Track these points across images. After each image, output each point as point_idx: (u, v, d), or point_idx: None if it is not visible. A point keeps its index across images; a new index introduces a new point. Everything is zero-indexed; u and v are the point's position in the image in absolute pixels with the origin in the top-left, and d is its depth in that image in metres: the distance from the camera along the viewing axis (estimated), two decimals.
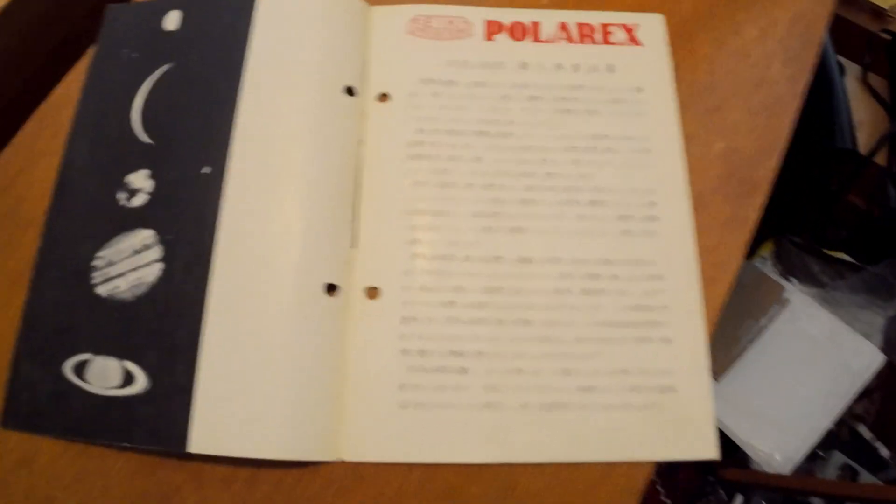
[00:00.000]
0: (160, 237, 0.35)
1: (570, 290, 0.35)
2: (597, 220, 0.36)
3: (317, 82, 0.38)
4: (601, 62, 0.41)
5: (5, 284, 0.37)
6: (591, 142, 0.38)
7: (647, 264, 0.36)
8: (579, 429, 0.33)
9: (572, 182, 0.37)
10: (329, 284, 0.34)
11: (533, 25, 0.42)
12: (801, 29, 0.43)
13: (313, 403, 0.32)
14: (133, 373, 0.33)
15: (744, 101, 0.41)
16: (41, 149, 0.40)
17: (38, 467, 0.34)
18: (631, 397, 0.33)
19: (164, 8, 0.40)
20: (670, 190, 0.37)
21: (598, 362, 0.33)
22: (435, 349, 0.34)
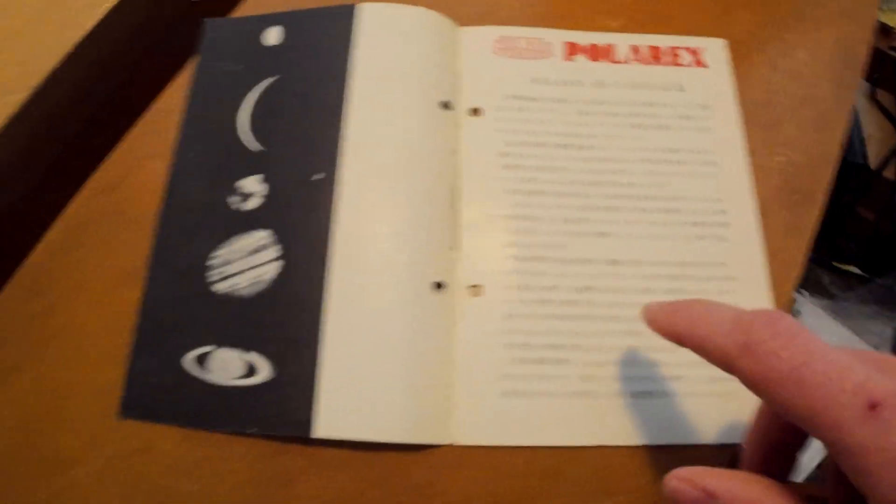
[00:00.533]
0: (276, 237, 0.38)
1: (654, 290, 0.38)
2: (672, 226, 0.40)
3: (416, 97, 0.41)
4: (672, 82, 0.44)
5: (113, 280, 0.39)
6: (664, 154, 0.42)
7: (720, 266, 0.39)
8: (666, 414, 0.36)
9: (648, 191, 0.40)
10: (436, 282, 0.37)
11: (608, 47, 0.45)
12: (845, 51, 0.47)
13: (426, 391, 0.35)
14: (255, 364, 0.36)
15: (797, 117, 0.44)
16: (147, 152, 0.42)
17: (158, 454, 0.35)
18: (710, 387, 0.36)
19: (264, 24, 0.43)
20: (738, 198, 0.41)
21: (681, 356, 0.36)
22: (535, 343, 0.37)
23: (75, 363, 0.37)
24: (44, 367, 0.37)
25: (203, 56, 0.43)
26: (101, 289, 0.39)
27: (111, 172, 0.42)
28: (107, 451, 0.35)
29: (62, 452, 0.35)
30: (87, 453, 0.35)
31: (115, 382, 0.36)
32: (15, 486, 0.34)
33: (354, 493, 0.35)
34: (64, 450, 0.35)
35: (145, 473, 0.35)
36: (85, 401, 0.36)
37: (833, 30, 0.48)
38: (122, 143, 0.43)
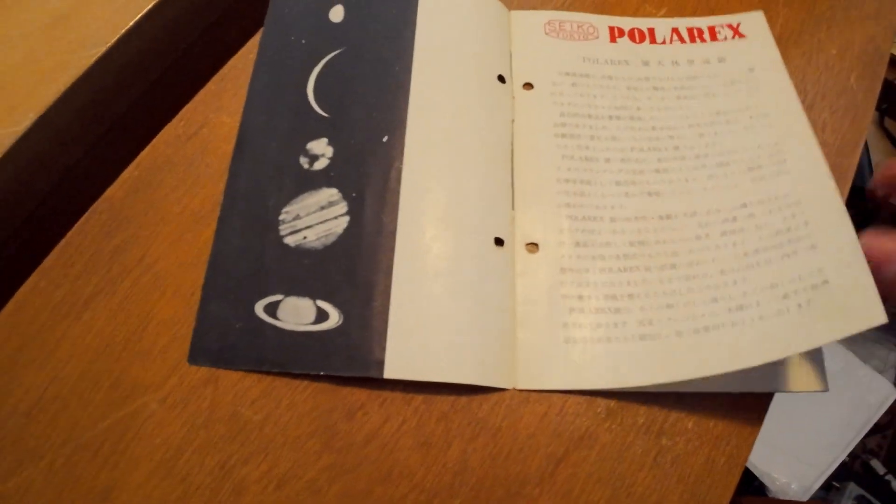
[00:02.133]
0: (344, 194, 0.40)
1: (710, 235, 0.39)
2: (727, 177, 0.41)
3: (474, 69, 0.43)
4: (712, 55, 0.46)
5: (189, 220, 0.41)
6: (712, 118, 0.43)
7: (783, 197, 0.39)
8: (735, 341, 0.36)
9: (700, 151, 0.42)
10: (497, 238, 0.39)
11: (649, 31, 0.48)
12: (872, 48, 0.50)
13: (491, 337, 0.37)
14: (326, 310, 0.37)
15: (829, 104, 0.47)
16: (222, 106, 0.45)
17: (224, 385, 0.37)
18: (783, 303, 0.36)
19: (330, 2, 0.46)
20: (796, 136, 0.41)
21: (744, 286, 0.37)
22: (591, 294, 0.38)
23: (151, 296, 0.39)
24: (120, 298, 0.39)
25: (268, 28, 0.46)
26: (177, 227, 0.41)
27: (186, 122, 0.44)
28: (174, 380, 0.37)
29: (133, 380, 0.37)
30: (157, 382, 0.37)
31: (187, 316, 0.38)
32: (88, 409, 0.36)
33: (416, 426, 0.37)
34: (135, 377, 0.37)
35: (210, 403, 0.37)
36: (158, 332, 0.38)
37: (861, 30, 0.51)
38: (197, 96, 0.45)
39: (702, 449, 0.37)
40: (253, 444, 0.36)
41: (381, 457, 0.36)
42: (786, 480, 0.93)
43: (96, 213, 0.41)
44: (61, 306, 0.39)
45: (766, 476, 0.92)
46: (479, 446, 0.36)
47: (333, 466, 0.36)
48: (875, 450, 1.07)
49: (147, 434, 0.36)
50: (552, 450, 0.36)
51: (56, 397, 0.37)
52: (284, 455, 0.36)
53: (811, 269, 0.36)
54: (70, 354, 0.38)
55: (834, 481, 0.98)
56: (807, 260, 0.36)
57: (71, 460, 0.35)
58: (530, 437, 0.37)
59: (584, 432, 0.37)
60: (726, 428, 0.37)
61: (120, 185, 0.42)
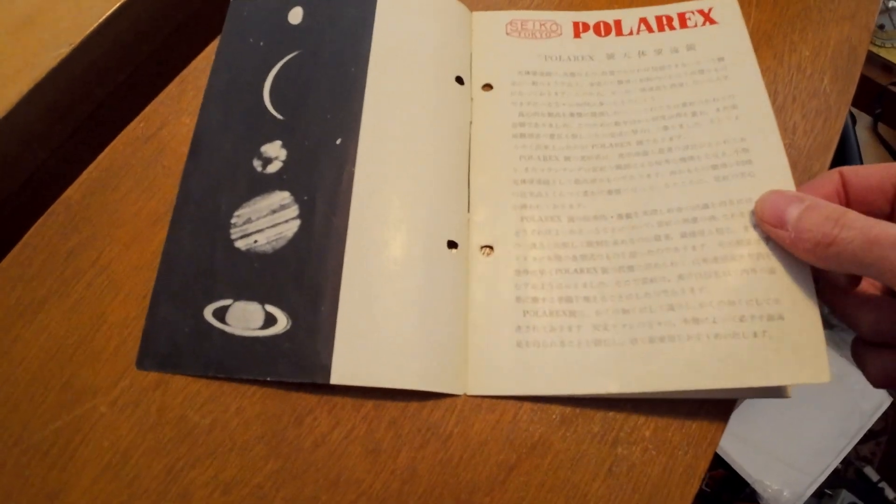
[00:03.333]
0: (296, 198, 0.39)
1: (670, 236, 0.38)
2: (690, 173, 0.39)
3: (432, 71, 0.43)
4: (681, 43, 0.45)
5: (145, 221, 0.41)
6: (679, 109, 0.42)
7: (746, 202, 0.38)
8: (690, 358, 0.35)
9: (663, 145, 0.41)
10: (450, 241, 0.38)
11: (615, 23, 0.46)
12: (847, 50, 0.49)
13: (441, 341, 0.36)
14: (275, 315, 0.37)
15: (801, 106, 0.46)
16: (183, 108, 0.44)
17: (173, 389, 0.37)
18: (739, 326, 0.35)
19: (289, 4, 0.45)
20: (762, 134, 0.40)
21: (702, 296, 0.36)
22: (546, 296, 0.38)
23: (104, 298, 0.39)
24: (74, 301, 0.39)
25: (228, 31, 0.45)
26: (132, 229, 0.41)
27: (146, 124, 0.44)
28: (124, 383, 0.37)
29: (84, 382, 0.37)
30: (107, 385, 0.37)
31: (139, 319, 0.38)
32: (39, 411, 0.36)
33: (365, 432, 0.36)
34: (86, 380, 0.37)
35: (159, 406, 0.37)
36: (110, 335, 0.38)
37: (837, 31, 0.50)
38: (159, 96, 0.45)
39: (659, 458, 0.36)
40: (200, 448, 0.36)
41: (328, 463, 0.36)
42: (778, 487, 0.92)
43: (53, 215, 0.42)
44: (16, 307, 0.39)
45: (758, 483, 0.92)
46: (428, 453, 0.36)
47: (280, 472, 0.35)
48: (868, 457, 1.06)
49: (96, 437, 0.36)
50: (504, 457, 0.36)
51: (7, 400, 0.37)
52: (231, 460, 0.36)
53: (769, 297, 0.35)
54: (23, 356, 0.38)
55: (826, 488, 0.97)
56: (766, 284, 0.35)
57: (20, 462, 0.35)
58: (482, 444, 0.36)
59: (538, 440, 0.36)
60: (685, 436, 0.36)
61: (78, 187, 0.42)
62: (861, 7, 0.52)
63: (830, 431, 0.96)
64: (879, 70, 0.90)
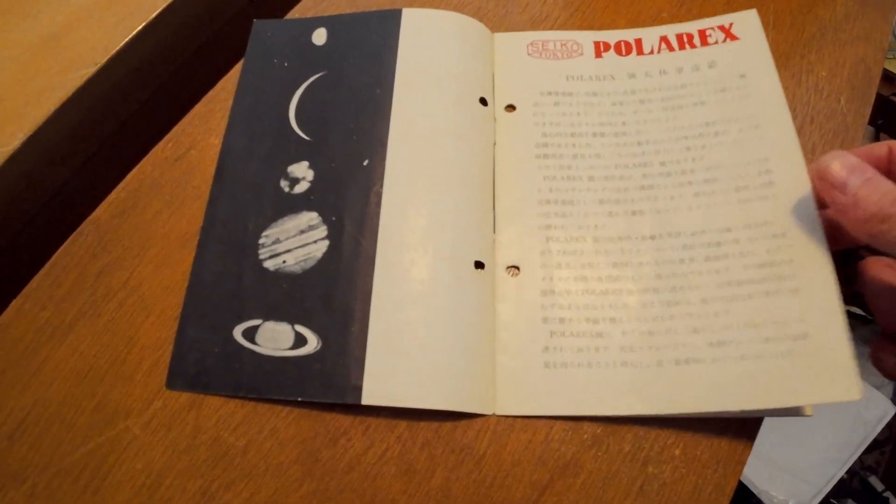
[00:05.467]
0: (324, 218, 0.40)
1: (694, 259, 0.38)
2: (713, 195, 0.40)
3: (456, 93, 0.43)
4: (702, 61, 0.45)
5: (175, 242, 0.41)
6: (701, 129, 0.42)
7: (768, 225, 0.38)
8: (715, 380, 0.35)
9: (686, 166, 0.41)
10: (477, 262, 0.39)
11: (636, 42, 0.47)
12: (862, 70, 0.49)
13: (470, 362, 0.37)
14: (305, 335, 0.37)
15: (819, 127, 0.46)
16: (210, 128, 0.45)
17: (207, 410, 0.37)
18: (764, 347, 0.35)
19: (312, 25, 0.46)
20: (784, 155, 0.40)
21: (726, 319, 0.36)
22: (572, 317, 0.38)
23: (135, 319, 0.39)
24: (105, 321, 0.39)
25: (250, 52, 0.46)
26: (163, 249, 0.41)
27: (175, 144, 0.45)
28: (157, 404, 0.37)
29: (116, 404, 0.37)
30: (140, 406, 0.37)
31: (171, 340, 0.39)
32: (71, 433, 0.37)
33: (399, 453, 0.36)
34: (118, 401, 0.37)
35: (193, 427, 0.37)
36: (141, 356, 0.38)
37: (852, 51, 0.50)
38: (186, 117, 0.46)
39: (689, 477, 0.36)
40: (235, 470, 0.36)
41: (363, 484, 0.36)
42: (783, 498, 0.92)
43: (82, 235, 0.42)
44: (45, 328, 0.39)
45: (764, 494, 0.92)
46: (462, 474, 0.36)
47: (315, 493, 0.35)
48: (873, 466, 1.06)
49: (129, 459, 0.36)
50: (537, 477, 0.36)
51: (39, 421, 0.37)
52: (266, 482, 0.36)
53: (793, 317, 0.35)
54: (53, 377, 0.38)
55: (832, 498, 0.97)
56: (789, 304, 0.36)
57: (52, 484, 0.35)
58: (515, 464, 0.36)
59: (570, 460, 0.36)
60: (714, 455, 0.37)
61: (106, 207, 0.43)
62: (875, 27, 0.52)
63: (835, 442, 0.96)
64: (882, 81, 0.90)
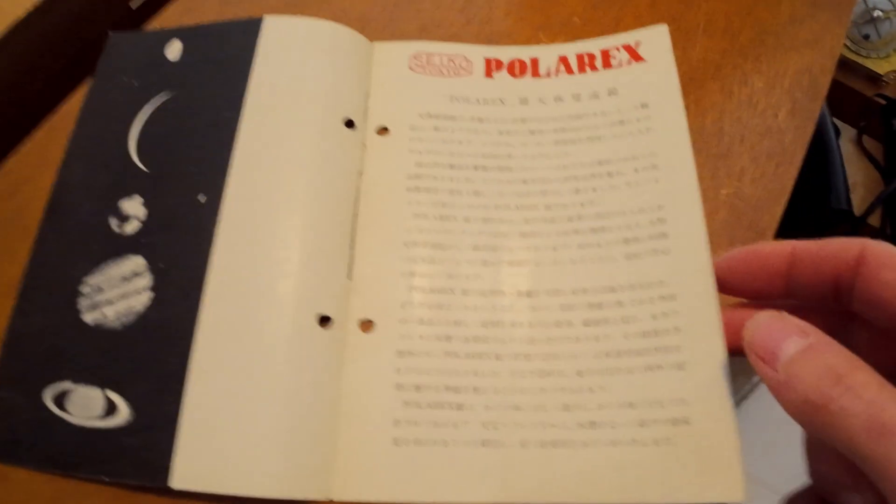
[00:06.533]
0: (151, 265, 0.34)
1: (571, 322, 0.33)
2: (599, 247, 0.35)
3: (317, 114, 0.37)
4: (602, 88, 0.40)
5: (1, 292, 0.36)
6: (593, 168, 0.37)
7: (656, 286, 0.33)
8: (583, 468, 0.30)
9: (573, 211, 0.36)
10: (323, 316, 0.33)
11: (532, 62, 0.41)
12: (807, 81, 0.43)
13: (304, 438, 0.31)
14: (116, 403, 0.32)
15: (750, 148, 0.41)
16: (48, 159, 0.39)
17: (14, 483, 0.33)
18: (639, 433, 0.30)
19: (167, 38, 0.41)
20: (680, 201, 0.35)
21: (601, 396, 0.31)
22: (431, 384, 0.33)
23: None
24: None
25: (101, 69, 0.41)
26: None
27: (8, 179, 0.40)
28: None
29: None
30: None
31: None
32: None
33: None
34: None
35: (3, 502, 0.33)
36: None
37: (796, 58, 0.44)
38: (22, 148, 0.41)
39: None
40: None
41: None
42: None
43: None
44: None
45: None
46: None
47: None
48: None
49: None
50: None
51: None
52: None
53: (674, 397, 0.30)
54: None
55: None
56: (671, 382, 0.31)
57: None
58: None
59: None
60: None
61: None
62: (827, 31, 0.46)
63: None
64: (865, 81, 0.87)
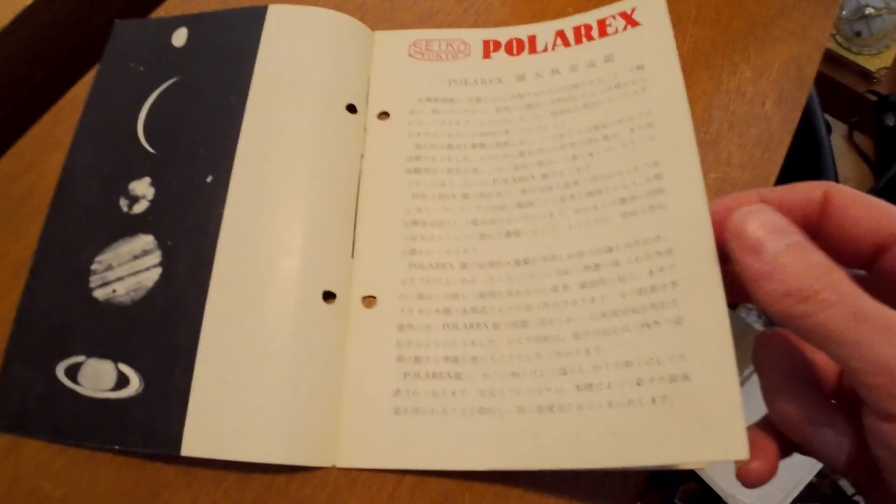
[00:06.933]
0: (160, 243, 0.35)
1: (568, 286, 0.33)
2: (595, 210, 0.35)
3: (320, 99, 0.38)
4: (598, 55, 0.40)
5: (9, 272, 0.37)
6: (589, 134, 0.37)
7: (653, 242, 0.33)
8: (580, 431, 0.30)
9: (570, 178, 0.36)
10: (326, 292, 0.34)
11: (529, 39, 0.42)
12: (794, 70, 0.44)
13: (308, 408, 0.32)
14: (128, 375, 0.33)
15: (738, 135, 0.42)
16: (56, 142, 0.40)
17: (27, 456, 0.34)
18: (636, 392, 0.30)
19: (173, 25, 0.42)
20: (677, 155, 0.35)
21: (597, 357, 0.31)
22: (430, 355, 0.34)
23: None
24: None
25: (108, 55, 0.42)
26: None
27: (15, 161, 0.41)
28: None
29: None
30: None
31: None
32: None
33: None
34: None
35: (12, 475, 0.33)
36: None
37: (784, 49, 0.45)
38: (30, 130, 0.41)
39: None
40: None
41: None
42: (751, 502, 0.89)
43: None
44: None
45: (732, 497, 0.89)
46: None
47: None
48: None
49: None
50: None
51: None
52: None
53: (672, 353, 0.30)
54: None
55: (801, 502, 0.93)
56: (669, 337, 0.30)
57: None
58: None
59: None
60: None
61: None
62: (814, 22, 0.47)
63: None
64: (857, 78, 0.87)
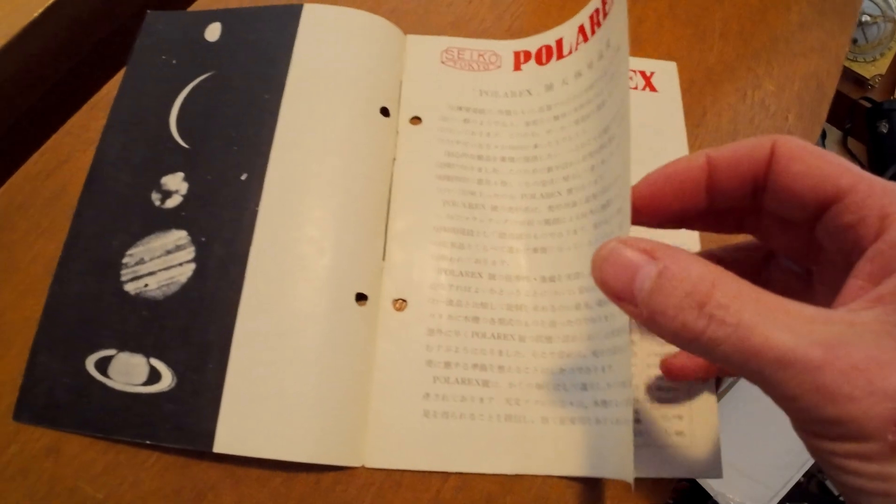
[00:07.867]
0: (193, 238, 0.36)
1: (589, 304, 0.34)
2: (608, 224, 0.35)
3: (354, 101, 0.39)
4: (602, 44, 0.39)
5: (44, 269, 0.37)
6: (601, 139, 0.37)
7: None
8: (596, 444, 0.32)
9: (590, 191, 0.36)
10: (359, 293, 0.35)
11: (556, 43, 0.42)
12: (814, 85, 0.45)
13: (339, 408, 0.33)
14: (159, 370, 0.33)
15: None
16: (89, 138, 0.40)
17: (66, 457, 0.33)
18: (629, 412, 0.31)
19: (206, 19, 0.42)
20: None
21: (609, 375, 0.33)
22: (459, 361, 0.34)
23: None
24: None
25: (140, 47, 0.42)
26: (28, 276, 0.37)
27: (48, 157, 0.40)
28: (14, 448, 0.33)
29: None
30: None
31: None
32: None
33: None
34: None
35: (51, 476, 0.33)
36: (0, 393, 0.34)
37: (804, 64, 0.46)
38: (64, 126, 0.41)
39: None
40: None
41: None
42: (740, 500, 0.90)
43: None
44: None
45: (721, 496, 0.90)
46: None
47: None
48: None
49: None
50: None
51: None
52: None
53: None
54: None
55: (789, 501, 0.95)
56: None
57: None
58: None
59: None
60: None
61: None
62: (832, 38, 0.48)
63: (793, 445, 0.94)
64: (851, 84, 0.88)
